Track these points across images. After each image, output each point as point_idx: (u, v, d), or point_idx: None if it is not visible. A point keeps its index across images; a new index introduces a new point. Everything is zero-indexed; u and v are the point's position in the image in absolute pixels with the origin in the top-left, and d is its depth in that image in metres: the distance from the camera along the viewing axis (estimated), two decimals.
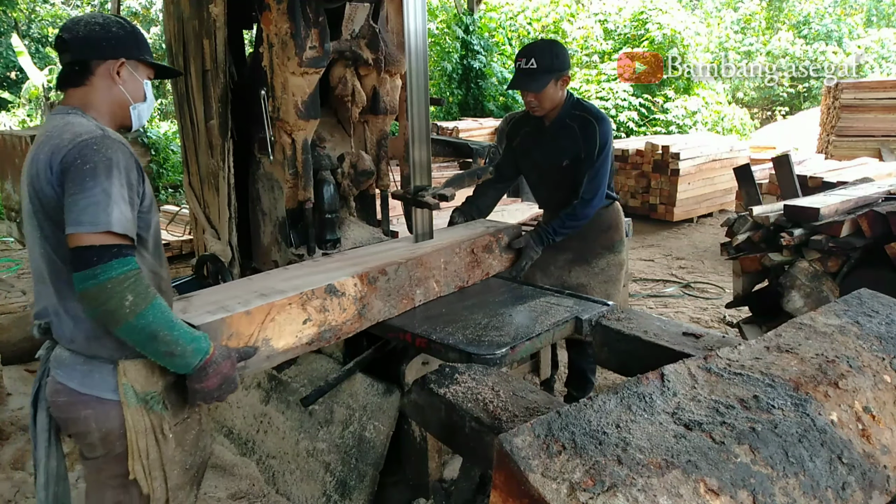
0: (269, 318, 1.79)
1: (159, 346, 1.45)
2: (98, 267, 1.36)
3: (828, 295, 2.98)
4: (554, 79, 2.57)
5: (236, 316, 1.71)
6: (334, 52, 2.52)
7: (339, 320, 2.00)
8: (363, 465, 2.28)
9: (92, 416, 1.54)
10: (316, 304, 1.91)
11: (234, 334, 1.71)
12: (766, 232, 3.27)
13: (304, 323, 1.88)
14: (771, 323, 3.27)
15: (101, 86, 1.57)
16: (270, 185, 2.65)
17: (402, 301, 2.23)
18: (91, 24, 1.56)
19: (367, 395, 2.35)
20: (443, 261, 2.39)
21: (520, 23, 14.14)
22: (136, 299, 1.39)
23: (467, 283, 2.51)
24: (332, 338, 2.00)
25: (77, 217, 1.37)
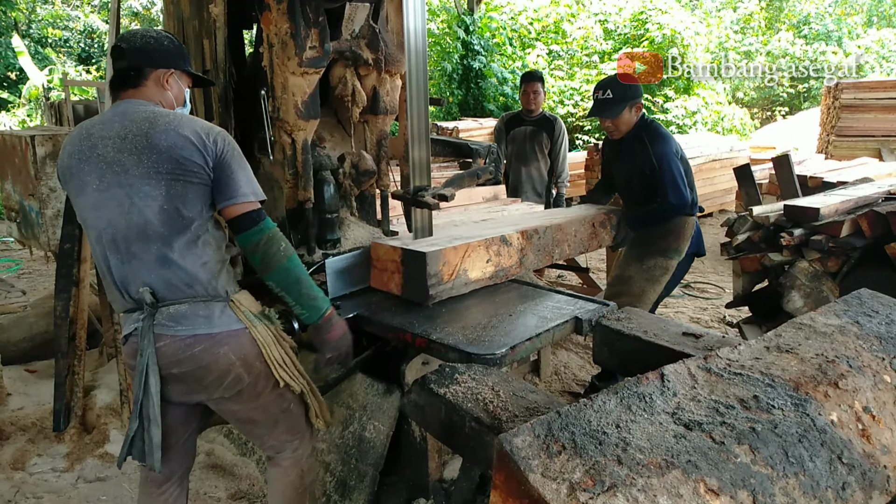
0: (467, 254, 2.30)
1: (302, 289, 1.80)
2: (262, 223, 1.74)
3: (828, 295, 2.98)
4: (628, 106, 3.04)
5: (448, 249, 2.21)
6: (334, 52, 2.52)
7: (507, 264, 2.52)
8: (363, 464, 2.28)
9: (229, 349, 1.75)
10: (494, 248, 2.44)
11: (446, 262, 2.21)
12: (766, 232, 3.27)
13: (486, 262, 2.40)
14: (771, 323, 3.28)
15: (153, 89, 1.81)
16: (270, 185, 2.64)
17: (546, 257, 2.76)
18: (146, 37, 1.80)
19: (367, 394, 2.35)
20: (574, 229, 2.93)
21: (521, 23, 14.14)
22: (286, 246, 1.77)
23: (587, 250, 3.07)
24: (504, 276, 2.52)
25: (245, 190, 1.73)
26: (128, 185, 1.67)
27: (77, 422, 3.00)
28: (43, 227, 4.19)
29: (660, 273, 3.14)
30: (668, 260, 3.14)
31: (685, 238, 3.15)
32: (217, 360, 1.73)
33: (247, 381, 1.78)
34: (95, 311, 3.63)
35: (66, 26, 16.53)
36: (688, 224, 3.14)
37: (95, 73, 15.10)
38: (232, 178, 1.72)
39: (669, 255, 3.14)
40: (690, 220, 3.15)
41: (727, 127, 13.76)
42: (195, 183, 1.69)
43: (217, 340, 1.72)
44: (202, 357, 1.72)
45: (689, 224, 3.14)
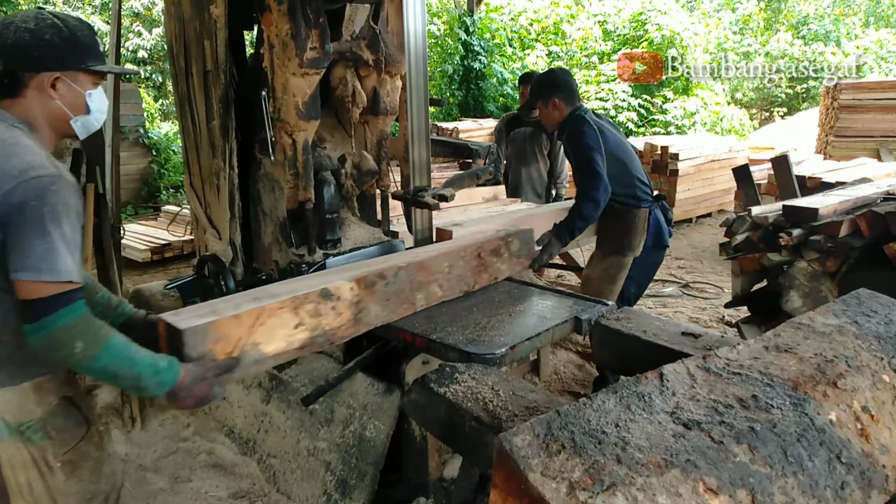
0: (259, 322, 1.75)
1: (122, 383, 1.42)
2: (48, 317, 1.31)
3: (826, 295, 2.99)
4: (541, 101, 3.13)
5: (224, 320, 1.67)
6: (335, 53, 2.52)
7: (333, 325, 1.95)
8: (363, 464, 2.28)
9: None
10: (309, 308, 1.87)
11: (221, 338, 1.67)
12: (765, 232, 3.27)
13: (295, 327, 1.84)
14: (770, 323, 3.28)
15: (35, 99, 1.44)
16: (271, 185, 2.65)
17: (403, 305, 2.19)
18: (21, 30, 1.39)
19: (368, 394, 2.35)
20: (447, 265, 2.33)
21: (521, 24, 14.15)
22: (86, 345, 1.34)
23: (473, 287, 2.46)
24: (326, 343, 1.95)
25: (36, 263, 1.30)
26: None
27: None
28: None
29: (615, 271, 3.13)
30: (622, 257, 3.12)
31: (637, 233, 3.10)
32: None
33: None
34: None
35: None
36: (638, 218, 3.09)
37: None
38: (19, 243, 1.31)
39: (623, 252, 3.12)
40: (641, 213, 3.10)
41: (726, 127, 13.77)
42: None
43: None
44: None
45: (639, 217, 3.09)
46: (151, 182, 9.19)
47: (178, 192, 9.12)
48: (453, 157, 6.11)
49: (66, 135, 1.55)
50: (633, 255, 3.12)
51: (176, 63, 2.85)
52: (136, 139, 8.94)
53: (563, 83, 3.16)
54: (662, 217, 3.18)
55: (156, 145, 9.26)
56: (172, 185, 9.33)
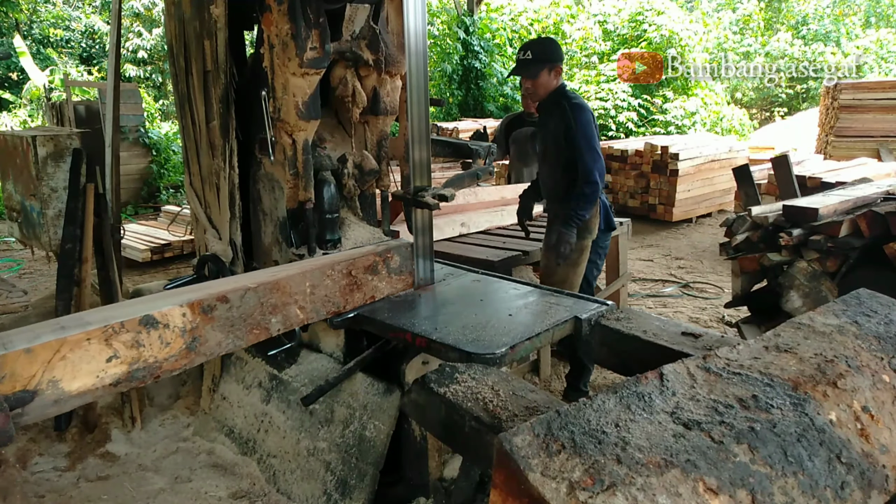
0: (59, 356, 1.55)
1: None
2: None
3: (826, 295, 2.98)
4: (547, 68, 3.04)
5: (13, 354, 1.48)
6: (335, 53, 2.52)
7: (158, 356, 1.76)
8: (363, 464, 2.28)
9: None
10: (126, 338, 1.68)
11: (7, 375, 1.48)
12: (765, 232, 3.27)
13: (108, 361, 1.65)
14: (770, 323, 3.29)
15: None
16: (271, 185, 2.65)
17: (253, 331, 1.99)
18: None
19: (368, 394, 2.35)
20: (308, 284, 2.13)
21: (521, 24, 14.15)
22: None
23: (343, 308, 2.28)
24: (150, 377, 1.76)
25: None
26: None
27: (78, 421, 3.01)
28: (44, 227, 4.19)
29: (577, 256, 3.15)
30: (581, 241, 3.13)
31: (594, 215, 3.14)
32: None
33: None
34: None
35: (68, 27, 16.53)
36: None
37: (97, 73, 15.11)
38: None
39: (583, 236, 3.14)
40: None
41: (726, 127, 13.78)
42: None
43: None
44: None
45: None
46: (151, 182, 9.19)
47: (178, 192, 9.13)
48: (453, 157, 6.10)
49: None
50: (591, 238, 3.17)
51: (176, 63, 2.85)
52: (136, 139, 8.95)
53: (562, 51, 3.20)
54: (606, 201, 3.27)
55: (156, 145, 9.27)
56: (172, 185, 9.33)
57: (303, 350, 2.68)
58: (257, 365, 2.81)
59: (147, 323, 1.72)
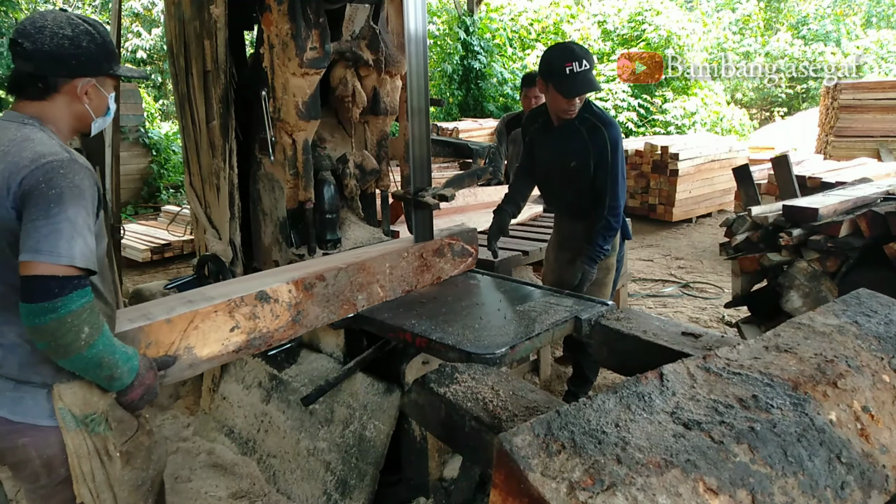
0: (193, 325, 1.74)
1: (102, 372, 1.42)
2: (59, 300, 1.28)
3: (826, 295, 2.99)
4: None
5: (156, 324, 1.66)
6: (335, 53, 2.52)
7: (270, 327, 1.95)
8: (363, 464, 2.28)
9: (30, 443, 1.46)
10: (245, 310, 1.86)
11: (153, 343, 1.66)
12: (765, 232, 3.27)
13: (231, 330, 1.84)
14: (770, 323, 3.29)
15: (63, 103, 1.47)
16: (271, 185, 2.65)
17: (343, 306, 2.19)
18: (59, 37, 1.41)
19: (368, 394, 2.35)
20: (388, 265, 2.34)
21: (521, 24, 14.16)
22: (91, 330, 1.35)
23: (415, 287, 2.47)
24: (263, 345, 1.95)
25: (36, 244, 1.28)
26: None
27: None
28: None
29: (603, 275, 2.93)
30: (605, 259, 2.92)
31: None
32: (13, 450, 1.48)
33: (43, 482, 1.52)
34: None
35: None
36: None
37: None
38: (30, 226, 1.30)
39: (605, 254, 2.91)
40: None
41: (726, 127, 13.78)
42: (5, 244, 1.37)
43: (16, 429, 1.45)
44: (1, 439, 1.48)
45: None
46: (151, 182, 9.19)
47: (178, 192, 9.12)
48: (453, 157, 6.11)
49: (80, 132, 1.58)
50: (615, 255, 2.98)
51: (176, 63, 2.85)
52: (136, 139, 8.94)
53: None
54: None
55: (156, 145, 9.26)
56: (172, 185, 9.33)
57: (303, 350, 2.68)
58: (257, 365, 2.81)
59: (261, 298, 1.92)
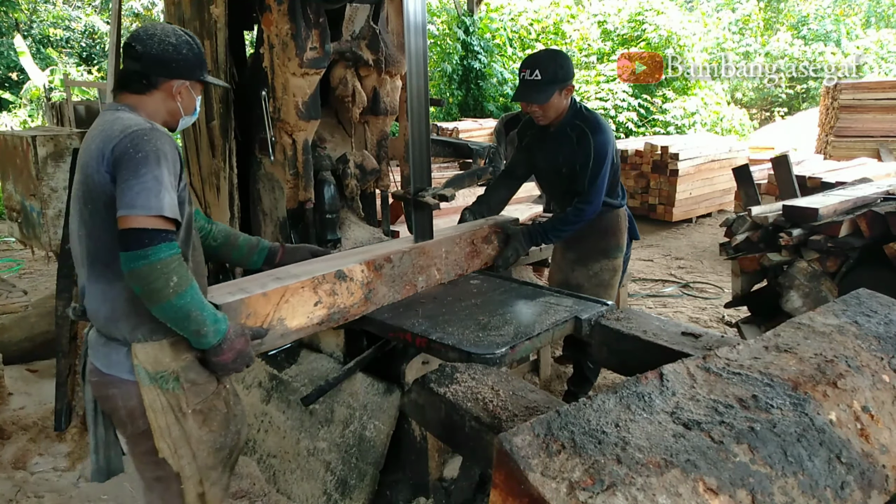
0: (284, 299, 1.93)
1: (190, 325, 1.56)
2: (150, 248, 1.46)
3: (826, 295, 2.98)
4: (558, 89, 2.58)
5: (254, 297, 1.84)
6: (335, 53, 2.52)
7: (347, 303, 2.13)
8: (363, 464, 2.28)
9: (117, 394, 1.63)
10: (326, 287, 2.05)
11: (251, 314, 1.84)
12: (765, 232, 3.27)
13: (315, 305, 2.02)
14: (770, 323, 3.29)
15: (160, 98, 1.69)
16: (271, 185, 2.65)
17: (406, 287, 2.35)
18: (165, 43, 1.65)
19: (368, 394, 2.35)
20: (444, 250, 2.51)
21: (521, 24, 14.15)
22: (179, 280, 1.50)
23: (466, 271, 2.63)
24: (341, 319, 2.13)
25: (131, 200, 1.46)
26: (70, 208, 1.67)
27: (78, 421, 3.01)
28: (44, 227, 4.19)
29: (609, 276, 2.91)
30: (612, 260, 2.91)
31: (623, 232, 2.92)
32: (107, 399, 1.66)
33: (129, 430, 1.68)
34: None
35: (68, 26, 16.53)
36: (621, 218, 2.92)
37: (97, 73, 15.11)
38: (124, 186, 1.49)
39: (613, 254, 2.91)
40: (623, 213, 2.94)
41: (726, 127, 13.78)
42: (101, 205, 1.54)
43: (108, 380, 1.64)
44: (97, 388, 1.68)
45: (622, 217, 2.93)
46: None
47: None
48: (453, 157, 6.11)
49: (170, 128, 1.77)
50: (622, 256, 2.96)
51: None
52: None
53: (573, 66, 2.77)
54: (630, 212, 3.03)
55: None
56: None
57: (303, 350, 2.68)
58: (257, 365, 2.81)
59: (339, 276, 2.10)
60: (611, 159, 2.69)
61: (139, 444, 1.69)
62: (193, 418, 1.66)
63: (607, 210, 2.85)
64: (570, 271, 2.95)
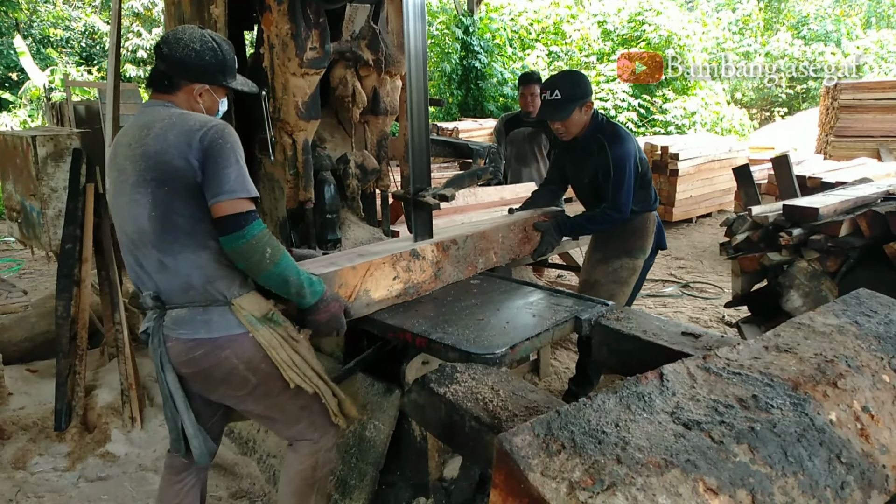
0: (369, 273, 2.17)
1: (290, 288, 1.75)
2: (246, 228, 1.64)
3: (826, 294, 2.98)
4: (577, 106, 2.81)
5: (344, 270, 2.09)
6: (335, 53, 2.52)
7: (419, 279, 2.37)
8: (363, 464, 2.28)
9: (231, 353, 1.75)
10: (403, 264, 2.29)
11: (343, 284, 2.08)
12: (765, 232, 3.27)
13: (393, 279, 2.26)
14: (770, 323, 3.29)
15: (182, 99, 1.82)
16: (271, 185, 2.65)
17: (468, 267, 2.60)
18: (188, 48, 1.77)
19: (368, 394, 2.35)
20: (501, 235, 2.76)
21: (521, 24, 14.16)
22: (273, 251, 1.69)
23: (519, 256, 2.90)
24: (415, 294, 2.36)
25: (232, 186, 1.64)
26: (126, 193, 1.73)
27: (78, 421, 3.01)
28: (44, 227, 4.19)
29: (627, 274, 3.03)
30: (634, 260, 3.03)
31: (649, 235, 3.05)
32: (219, 364, 1.75)
33: (253, 382, 1.80)
34: (97, 311, 3.64)
35: (68, 26, 16.54)
36: (650, 221, 3.05)
37: (97, 73, 15.11)
38: (216, 174, 1.66)
39: (635, 254, 3.03)
40: (652, 216, 3.06)
41: (726, 127, 13.79)
42: (182, 186, 1.67)
43: (217, 345, 1.74)
44: (203, 361, 1.75)
45: (651, 221, 3.05)
46: None
47: None
48: (453, 157, 6.11)
49: None
50: (644, 258, 3.05)
51: None
52: None
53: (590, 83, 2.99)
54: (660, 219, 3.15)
55: None
56: None
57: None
58: None
59: (414, 254, 2.34)
60: (632, 168, 2.85)
61: (269, 389, 1.82)
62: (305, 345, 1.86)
63: (637, 213, 2.99)
64: (592, 269, 3.11)
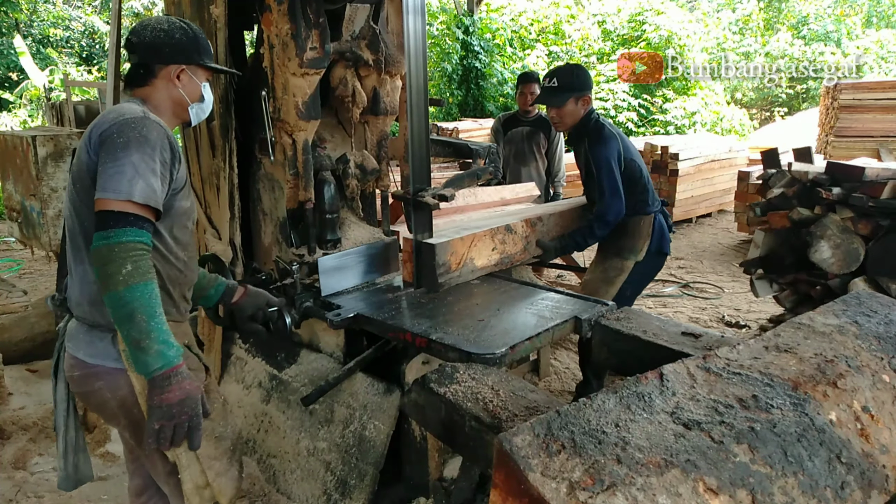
0: (473, 243, 2.52)
1: (132, 329, 1.39)
2: (112, 230, 1.42)
3: (858, 248, 3.01)
4: (573, 97, 2.90)
5: (455, 240, 2.42)
6: (335, 53, 2.52)
7: (512, 251, 2.76)
8: (363, 464, 2.28)
9: (105, 386, 1.57)
10: (499, 237, 2.68)
11: (454, 252, 2.41)
12: (802, 188, 3.27)
13: (492, 250, 2.63)
14: (782, 278, 3.39)
15: (162, 87, 1.70)
16: (271, 185, 2.65)
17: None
18: (156, 31, 1.68)
19: (368, 394, 2.35)
20: (573, 217, 3.20)
21: (521, 24, 14.16)
22: (133, 271, 1.40)
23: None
24: (509, 263, 2.76)
25: (104, 184, 1.46)
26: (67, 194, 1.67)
27: None
28: (44, 227, 4.19)
29: (614, 274, 3.03)
30: (622, 260, 3.02)
31: (642, 237, 3.01)
32: (93, 392, 1.59)
33: (123, 422, 1.63)
34: None
35: (68, 26, 16.53)
36: (643, 223, 3.01)
37: (97, 73, 15.10)
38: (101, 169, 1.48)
39: (624, 255, 3.03)
40: (647, 219, 3.01)
41: (726, 127, 13.78)
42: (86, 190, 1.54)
43: (93, 372, 1.57)
44: (80, 383, 1.61)
45: (644, 223, 3.01)
46: None
47: None
48: (453, 157, 6.10)
49: (183, 120, 1.80)
50: (635, 260, 3.02)
51: None
52: None
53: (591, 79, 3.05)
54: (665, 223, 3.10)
55: None
56: None
57: (303, 350, 2.68)
58: (257, 365, 2.81)
59: (508, 229, 2.76)
60: (614, 169, 2.86)
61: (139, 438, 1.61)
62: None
63: (630, 214, 2.99)
64: (593, 268, 3.18)
